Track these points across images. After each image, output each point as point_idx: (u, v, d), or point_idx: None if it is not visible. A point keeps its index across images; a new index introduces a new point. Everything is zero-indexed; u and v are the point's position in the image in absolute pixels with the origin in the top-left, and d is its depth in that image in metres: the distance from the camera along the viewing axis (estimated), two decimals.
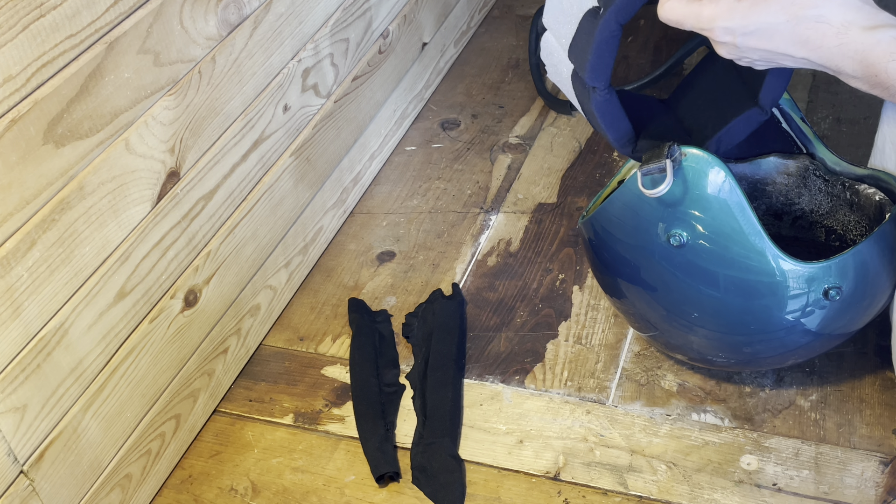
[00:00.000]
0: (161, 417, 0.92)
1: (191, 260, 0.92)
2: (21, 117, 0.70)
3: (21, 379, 0.74)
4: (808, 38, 0.73)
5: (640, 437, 0.92)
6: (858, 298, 0.82)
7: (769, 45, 0.75)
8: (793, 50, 0.74)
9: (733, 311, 0.84)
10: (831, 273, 0.80)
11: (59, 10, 0.72)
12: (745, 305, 0.83)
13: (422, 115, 1.39)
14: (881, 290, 0.84)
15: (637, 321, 0.93)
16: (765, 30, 0.74)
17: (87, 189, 0.77)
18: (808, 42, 0.73)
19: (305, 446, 0.95)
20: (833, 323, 0.84)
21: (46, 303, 0.76)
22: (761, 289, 0.81)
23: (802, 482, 0.86)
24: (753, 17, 0.74)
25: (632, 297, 0.90)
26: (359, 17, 1.18)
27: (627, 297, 0.91)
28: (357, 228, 1.21)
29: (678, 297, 0.85)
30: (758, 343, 0.86)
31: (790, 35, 0.74)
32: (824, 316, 0.83)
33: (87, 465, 0.83)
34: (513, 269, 1.12)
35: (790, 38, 0.74)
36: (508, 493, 0.89)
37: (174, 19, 0.85)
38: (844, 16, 0.72)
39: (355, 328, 1.05)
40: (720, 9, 0.75)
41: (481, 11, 1.58)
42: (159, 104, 0.84)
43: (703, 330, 0.86)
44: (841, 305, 0.82)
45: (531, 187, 1.24)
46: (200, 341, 0.96)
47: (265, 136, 1.02)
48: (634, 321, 0.94)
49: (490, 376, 1.00)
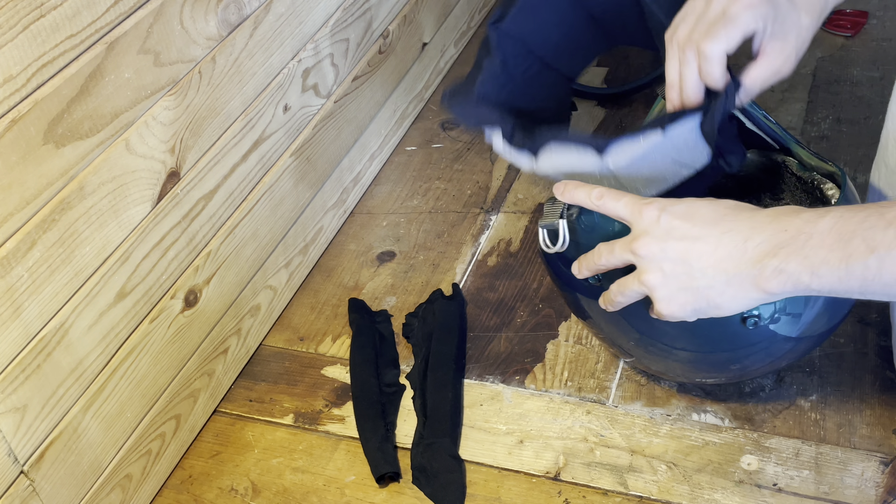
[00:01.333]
0: (161, 417, 0.92)
1: (191, 260, 0.92)
2: (21, 117, 0.70)
3: (21, 379, 0.74)
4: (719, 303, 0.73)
5: (640, 438, 0.92)
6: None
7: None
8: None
9: (705, 331, 0.80)
10: None
11: (59, 11, 0.72)
12: (714, 325, 0.79)
13: (422, 115, 1.39)
14: None
15: (611, 346, 0.92)
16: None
17: (87, 189, 0.77)
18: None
19: (305, 446, 0.95)
20: (813, 324, 0.81)
21: (47, 303, 0.76)
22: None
23: (803, 482, 0.86)
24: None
25: (596, 319, 0.87)
26: (359, 18, 1.18)
27: (592, 318, 0.88)
28: (357, 228, 1.21)
29: (643, 325, 0.83)
30: (743, 358, 0.83)
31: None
32: (800, 321, 0.80)
33: (88, 465, 0.83)
34: (513, 269, 1.12)
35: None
36: (508, 493, 0.89)
37: (174, 19, 0.85)
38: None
39: (355, 328, 1.05)
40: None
41: (481, 11, 1.58)
42: (159, 104, 0.84)
43: (682, 353, 0.84)
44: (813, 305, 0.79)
45: (531, 187, 1.24)
46: (201, 341, 0.96)
47: (265, 136, 1.02)
48: (609, 346, 0.92)
49: (490, 376, 1.00)
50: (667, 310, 0.74)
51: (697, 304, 0.72)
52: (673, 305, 0.74)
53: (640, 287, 0.75)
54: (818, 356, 0.96)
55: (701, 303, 0.72)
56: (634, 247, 0.74)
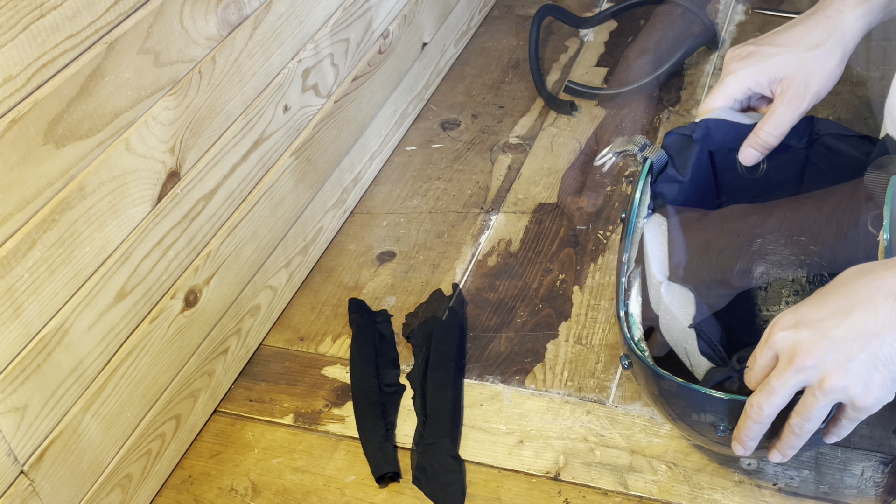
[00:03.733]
0: (161, 417, 0.92)
1: (191, 260, 0.92)
2: (21, 117, 0.70)
3: (21, 379, 0.74)
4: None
5: (640, 437, 0.92)
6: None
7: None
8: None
9: None
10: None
11: (59, 11, 0.72)
12: None
13: (422, 115, 1.39)
14: None
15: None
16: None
17: (87, 189, 0.77)
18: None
19: (305, 446, 0.95)
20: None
21: (47, 303, 0.76)
22: None
23: (802, 482, 0.86)
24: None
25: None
26: (359, 18, 1.18)
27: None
28: (357, 228, 1.21)
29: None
30: None
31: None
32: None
33: (88, 465, 0.83)
34: (513, 269, 1.12)
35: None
36: (508, 493, 0.89)
37: (174, 19, 0.85)
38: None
39: (355, 328, 1.05)
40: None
41: (481, 11, 1.58)
42: (159, 104, 0.84)
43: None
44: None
45: (531, 187, 1.24)
46: (200, 341, 0.96)
47: (265, 136, 1.02)
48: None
49: (490, 376, 1.00)
50: (872, 399, 0.68)
51: (892, 372, 0.68)
52: (874, 390, 0.68)
53: (826, 398, 0.69)
54: None
55: (894, 370, 0.68)
56: (797, 363, 0.69)
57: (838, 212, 0.86)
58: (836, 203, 0.87)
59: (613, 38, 1.50)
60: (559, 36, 1.52)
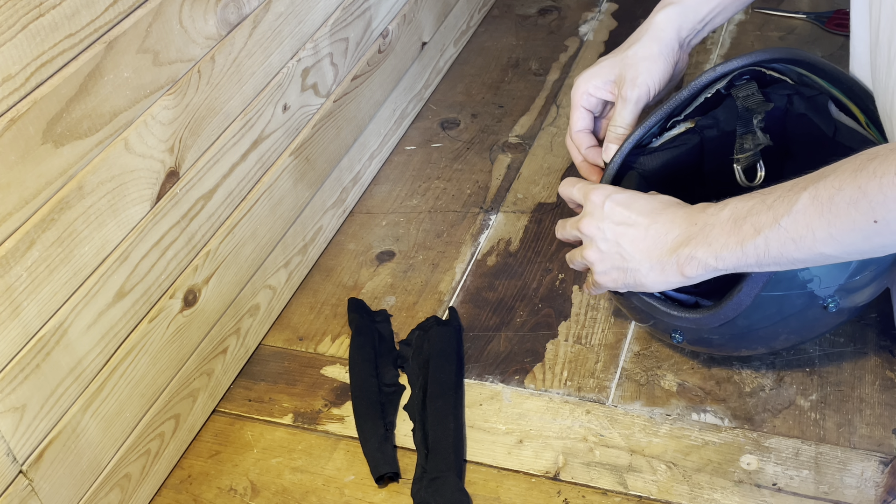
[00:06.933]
0: (160, 417, 0.92)
1: (190, 260, 0.92)
2: (20, 117, 0.70)
3: (20, 379, 0.74)
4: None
5: (639, 437, 0.91)
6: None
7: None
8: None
9: (798, 320, 0.87)
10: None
11: (58, 10, 0.72)
12: (803, 315, 0.86)
13: (421, 114, 1.39)
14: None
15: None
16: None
17: (86, 189, 0.77)
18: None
19: (305, 446, 0.95)
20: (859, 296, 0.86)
21: (45, 302, 0.75)
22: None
23: (802, 482, 0.86)
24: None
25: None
26: (358, 17, 1.18)
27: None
28: (356, 228, 1.21)
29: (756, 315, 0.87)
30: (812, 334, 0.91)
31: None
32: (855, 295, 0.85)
33: (87, 464, 0.83)
34: (512, 268, 1.12)
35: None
36: (508, 493, 0.89)
37: (173, 19, 0.85)
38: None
39: (355, 328, 1.05)
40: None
41: (481, 11, 1.58)
42: (158, 104, 0.84)
43: (766, 331, 0.88)
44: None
45: (531, 187, 1.24)
46: (199, 341, 0.96)
47: (264, 135, 1.02)
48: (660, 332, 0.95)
49: (490, 376, 1.00)
50: (602, 281, 0.88)
51: (626, 280, 0.85)
52: (607, 279, 0.87)
53: (582, 260, 0.89)
54: (818, 356, 0.96)
55: (629, 280, 0.85)
56: (580, 225, 0.88)
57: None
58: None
59: (613, 38, 1.50)
60: (559, 35, 1.52)
